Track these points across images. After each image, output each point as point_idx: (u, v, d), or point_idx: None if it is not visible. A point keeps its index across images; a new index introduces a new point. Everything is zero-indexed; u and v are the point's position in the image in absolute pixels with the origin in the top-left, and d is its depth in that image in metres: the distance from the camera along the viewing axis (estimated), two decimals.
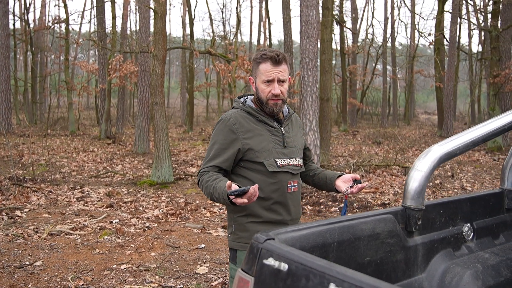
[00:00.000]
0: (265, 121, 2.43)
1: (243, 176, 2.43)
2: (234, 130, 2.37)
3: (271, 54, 2.36)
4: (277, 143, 2.43)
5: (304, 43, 8.57)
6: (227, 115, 2.43)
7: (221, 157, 2.38)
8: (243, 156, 2.39)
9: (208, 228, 6.35)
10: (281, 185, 2.41)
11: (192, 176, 9.96)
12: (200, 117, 36.49)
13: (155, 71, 8.83)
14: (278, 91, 2.37)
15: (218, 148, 2.39)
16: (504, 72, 13.97)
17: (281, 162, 2.41)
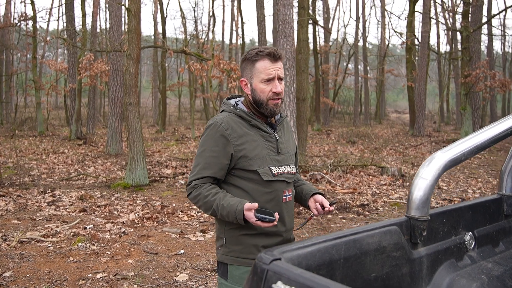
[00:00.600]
0: (258, 126, 2.26)
1: (234, 185, 2.26)
2: (227, 135, 2.19)
3: (268, 51, 2.21)
4: (271, 150, 2.27)
5: (281, 42, 8.47)
6: (218, 120, 2.24)
7: (215, 166, 2.20)
8: (236, 164, 2.22)
9: (186, 232, 6.18)
10: (276, 195, 2.27)
11: (167, 178, 9.74)
12: (172, 117, 36.12)
13: (129, 71, 8.58)
14: (280, 88, 2.22)
15: (210, 156, 2.21)
16: (475, 72, 14.19)
17: (276, 170, 2.26)
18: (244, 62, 2.30)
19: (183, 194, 8.39)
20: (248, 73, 2.27)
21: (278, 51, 2.24)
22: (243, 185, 2.23)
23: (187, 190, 2.27)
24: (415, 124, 21.93)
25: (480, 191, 8.94)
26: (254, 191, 2.22)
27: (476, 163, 12.55)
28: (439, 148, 15.94)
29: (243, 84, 2.34)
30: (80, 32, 17.50)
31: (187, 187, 2.26)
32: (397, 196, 8.34)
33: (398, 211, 7.44)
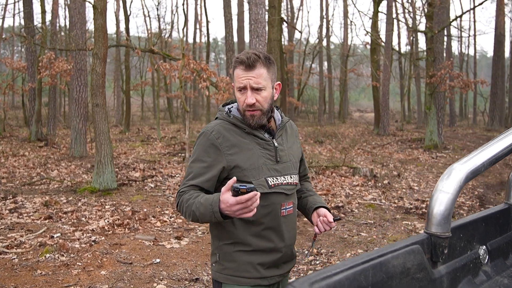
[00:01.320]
0: (253, 133, 2.10)
1: None
2: (218, 145, 2.04)
3: (241, 58, 2.03)
4: (269, 158, 2.10)
5: (254, 42, 8.32)
6: (209, 128, 2.10)
7: (203, 176, 2.05)
8: (229, 175, 2.04)
9: (160, 239, 5.94)
10: (273, 208, 2.09)
11: (136, 181, 9.42)
12: (135, 116, 35.40)
13: (96, 71, 8.24)
14: (252, 100, 2.02)
15: (199, 166, 2.06)
16: (440, 72, 14.43)
17: (273, 181, 2.08)
18: (232, 69, 2.18)
19: (154, 198, 8.12)
20: (232, 79, 2.16)
21: (254, 57, 2.03)
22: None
23: (176, 197, 2.12)
24: (380, 123, 22.21)
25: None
26: None
27: (442, 163, 12.76)
28: (406, 147, 16.21)
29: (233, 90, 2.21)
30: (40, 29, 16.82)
31: (177, 194, 2.12)
32: (371, 197, 8.33)
33: (373, 212, 7.41)
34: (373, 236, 6.18)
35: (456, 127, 29.65)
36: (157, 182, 9.42)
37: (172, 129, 24.18)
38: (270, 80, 2.10)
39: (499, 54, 26.88)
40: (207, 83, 9.10)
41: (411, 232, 6.38)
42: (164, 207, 7.49)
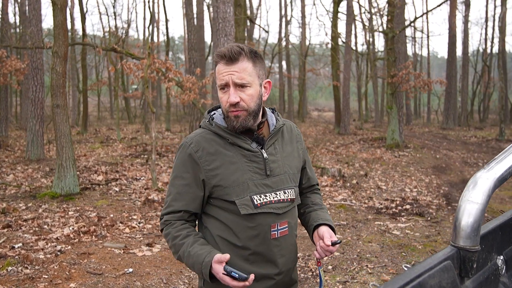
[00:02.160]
0: (238, 144, 1.84)
1: (214, 217, 1.89)
2: (196, 159, 1.82)
3: (222, 51, 1.78)
4: (256, 172, 1.84)
5: (222, 41, 8.14)
6: (187, 140, 1.87)
7: (187, 196, 1.84)
8: (211, 193, 1.84)
9: (131, 247, 5.67)
10: (260, 230, 1.84)
11: (99, 185, 9.04)
12: (91, 116, 34.37)
13: (56, 70, 7.83)
14: (235, 98, 1.77)
15: (180, 184, 1.85)
16: (401, 72, 14.67)
17: (259, 200, 1.82)
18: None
19: (120, 203, 7.80)
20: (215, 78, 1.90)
21: (237, 49, 1.78)
22: (222, 217, 1.86)
23: (160, 226, 1.96)
24: (341, 123, 22.43)
25: (416, 190, 9.15)
26: (235, 225, 1.84)
27: (405, 161, 12.96)
28: (369, 147, 16.40)
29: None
30: None
31: (160, 223, 1.95)
32: (341, 198, 8.31)
33: (345, 213, 7.38)
34: (347, 238, 6.13)
35: (412, 125, 30.38)
36: (122, 185, 9.08)
37: (131, 130, 23.61)
38: (257, 77, 1.84)
39: (452, 55, 27.72)
40: (173, 83, 8.83)
41: (385, 232, 6.37)
42: (132, 212, 7.20)
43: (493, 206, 7.95)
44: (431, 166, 12.19)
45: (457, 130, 26.41)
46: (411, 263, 5.20)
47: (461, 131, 25.15)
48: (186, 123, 28.19)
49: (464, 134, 22.93)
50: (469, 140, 20.30)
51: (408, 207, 7.67)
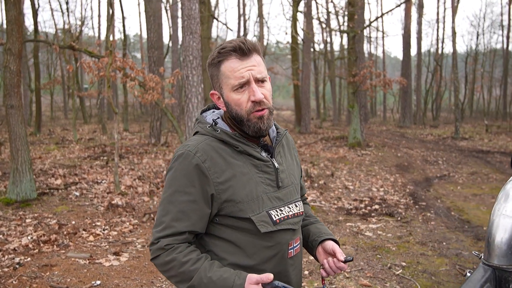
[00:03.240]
0: (248, 152, 1.64)
1: (221, 238, 1.63)
2: (204, 170, 1.56)
3: (233, 45, 1.58)
4: (269, 184, 1.65)
5: (187, 39, 7.87)
6: (191, 148, 1.60)
7: (193, 215, 1.56)
8: (220, 210, 1.60)
9: (96, 256, 5.35)
10: (279, 250, 1.66)
11: (58, 189, 8.59)
12: (44, 116, 33.07)
13: (9, 68, 7.36)
14: (260, 94, 1.58)
15: (183, 200, 1.57)
16: (362, 71, 14.79)
17: (277, 216, 1.63)
18: (209, 69, 1.68)
19: (81, 208, 7.41)
20: (216, 82, 1.66)
21: (249, 42, 1.60)
22: (233, 237, 1.62)
23: (153, 252, 1.60)
24: (302, 122, 22.48)
25: (383, 189, 9.19)
26: (249, 246, 1.62)
27: (368, 160, 13.05)
28: (331, 146, 16.46)
29: (215, 98, 1.71)
30: None
31: (153, 248, 1.59)
32: (311, 199, 8.22)
33: (316, 214, 7.27)
34: None
35: (369, 124, 30.86)
36: (83, 189, 8.66)
37: (88, 130, 22.85)
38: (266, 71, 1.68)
39: (408, 55, 28.33)
40: (136, 82, 8.50)
41: (358, 234, 6.31)
42: (95, 218, 6.84)
43: (458, 204, 8.06)
44: (394, 165, 12.32)
45: (414, 128, 27.03)
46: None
47: (418, 129, 25.76)
48: (145, 123, 27.59)
49: (421, 132, 23.48)
50: (426, 138, 20.78)
51: (377, 207, 7.66)
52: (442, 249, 5.72)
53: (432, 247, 5.80)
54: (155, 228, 1.60)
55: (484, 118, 28.01)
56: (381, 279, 4.77)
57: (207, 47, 9.96)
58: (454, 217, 7.25)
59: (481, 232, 6.38)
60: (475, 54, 40.24)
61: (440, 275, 4.88)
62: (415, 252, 5.61)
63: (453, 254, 5.53)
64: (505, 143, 17.74)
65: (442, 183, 10.09)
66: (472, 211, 7.57)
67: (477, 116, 38.59)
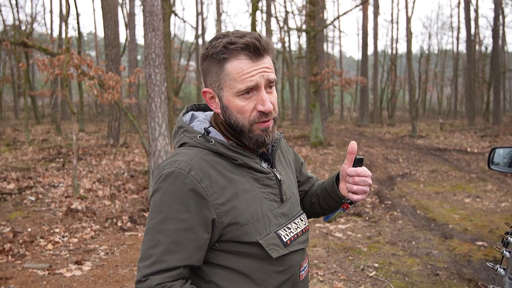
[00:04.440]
0: (248, 165, 1.41)
1: (223, 266, 1.40)
2: (202, 191, 1.31)
3: (244, 41, 1.32)
4: (272, 200, 1.44)
5: (149, 36, 7.58)
6: (182, 164, 1.33)
7: (188, 245, 1.31)
8: (221, 236, 1.37)
9: (56, 266, 5.03)
10: (292, 274, 1.47)
11: (11, 194, 8.11)
12: None
13: None
14: (270, 104, 1.36)
15: (176, 229, 1.30)
16: (324, 70, 14.83)
17: (287, 236, 1.43)
18: (205, 62, 1.40)
19: (37, 214, 7.01)
20: (214, 81, 1.39)
21: (264, 39, 1.36)
22: (237, 264, 1.39)
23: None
24: None
25: None
26: (258, 273, 1.40)
27: (331, 159, 13.09)
28: (293, 145, 16.43)
29: (208, 97, 1.44)
30: None
31: (139, 286, 1.32)
32: None
33: None
34: None
35: (328, 123, 31.19)
36: (38, 194, 8.21)
37: (41, 130, 21.95)
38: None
39: (365, 55, 28.80)
40: (95, 81, 8.13)
41: (327, 235, 6.24)
42: (53, 225, 6.48)
43: (422, 202, 8.14)
44: None
45: (372, 127, 27.48)
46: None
47: (375, 128, 26.21)
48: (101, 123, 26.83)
49: (379, 131, 23.89)
50: (384, 136, 21.14)
51: None
52: (412, 248, 5.71)
53: (402, 246, 5.79)
54: (142, 262, 1.33)
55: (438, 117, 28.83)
56: (355, 282, 4.69)
57: (169, 44, 9.68)
58: (420, 215, 7.30)
59: (448, 230, 6.44)
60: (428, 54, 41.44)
61: (413, 275, 4.85)
62: (386, 252, 5.58)
63: (423, 253, 5.53)
64: (459, 141, 18.25)
65: (405, 181, 10.21)
66: (437, 209, 7.65)
67: (429, 115, 39.79)
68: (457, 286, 4.55)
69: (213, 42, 1.37)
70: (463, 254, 5.47)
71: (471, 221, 6.91)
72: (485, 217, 7.10)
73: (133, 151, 13.65)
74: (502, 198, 8.33)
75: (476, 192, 8.92)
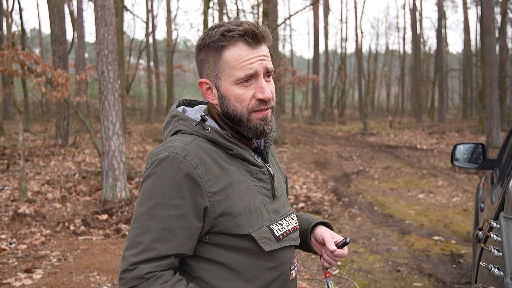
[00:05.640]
0: (243, 156, 1.37)
1: (211, 260, 1.33)
2: (197, 177, 1.26)
3: (243, 28, 1.31)
4: (265, 194, 1.40)
5: (102, 31, 7.29)
6: (178, 149, 1.28)
7: (181, 232, 1.25)
8: (212, 227, 1.30)
9: (3, 275, 4.70)
10: (283, 271, 1.42)
11: None
12: None
13: None
14: (269, 92, 1.36)
15: (168, 215, 1.24)
16: (278, 68, 14.85)
17: (279, 231, 1.39)
18: (202, 52, 1.37)
19: None
20: (212, 70, 1.36)
21: (262, 27, 1.36)
22: (226, 259, 1.33)
23: (126, 282, 1.24)
24: None
25: (306, 186, 9.21)
26: (248, 268, 1.35)
27: (286, 157, 13.12)
28: None
29: (204, 88, 1.41)
30: None
31: (126, 276, 1.24)
32: None
33: None
34: None
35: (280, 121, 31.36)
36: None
37: None
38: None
39: (317, 54, 29.16)
40: (43, 78, 7.72)
41: None
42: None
43: (378, 199, 8.26)
44: (312, 162, 12.48)
45: (324, 125, 27.86)
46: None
47: (327, 126, 26.60)
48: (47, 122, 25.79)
49: (331, 129, 24.25)
50: (337, 134, 21.48)
51: (303, 205, 7.61)
52: (372, 245, 5.75)
53: (362, 243, 5.82)
54: (129, 250, 1.25)
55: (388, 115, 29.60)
56: (319, 281, 4.66)
57: (121, 41, 9.36)
58: (377, 212, 7.39)
59: (405, 226, 6.54)
60: (375, 54, 42.53)
61: (375, 272, 4.87)
62: (348, 250, 5.58)
63: (384, 250, 5.57)
64: (409, 138, 18.78)
65: (360, 178, 10.35)
66: (393, 206, 7.78)
67: (378, 113, 40.83)
68: (418, 282, 4.60)
69: (209, 32, 1.34)
70: (421, 249, 5.56)
71: (426, 216, 7.06)
72: (439, 212, 7.28)
73: (83, 151, 13.16)
74: (453, 193, 8.58)
75: (429, 187, 9.15)
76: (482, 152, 3.69)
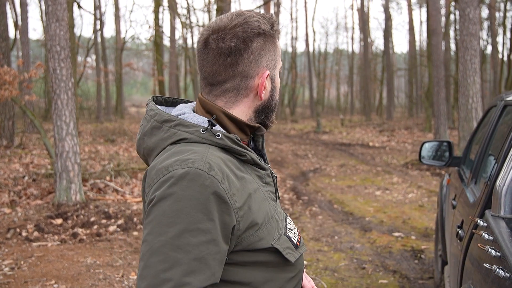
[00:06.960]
0: (254, 161, 1.23)
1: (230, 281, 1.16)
2: (223, 194, 1.09)
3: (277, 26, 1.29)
4: (272, 199, 1.28)
5: (53, 27, 6.95)
6: (198, 163, 1.08)
7: (213, 260, 1.07)
8: (236, 245, 1.14)
9: None
10: (299, 278, 1.32)
11: None
12: None
13: None
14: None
15: (199, 242, 1.05)
16: None
17: (295, 237, 1.29)
18: (258, 39, 1.22)
19: None
20: (271, 60, 1.26)
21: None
22: (248, 277, 1.18)
23: None
24: None
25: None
26: (271, 284, 1.21)
27: None
28: None
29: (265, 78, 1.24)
30: None
31: None
32: None
33: None
34: None
35: None
36: None
37: None
38: None
39: None
40: None
41: None
42: None
43: (337, 196, 8.35)
44: (269, 160, 12.47)
45: (276, 123, 27.94)
46: None
47: (280, 124, 26.75)
48: None
49: (284, 127, 24.41)
50: (290, 133, 21.64)
51: None
52: (335, 243, 5.79)
53: (326, 242, 5.85)
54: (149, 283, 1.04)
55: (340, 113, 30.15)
56: None
57: (73, 37, 8.99)
58: (337, 210, 7.46)
59: (365, 223, 6.63)
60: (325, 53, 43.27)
61: (341, 270, 4.89)
62: (312, 249, 5.59)
63: (347, 247, 5.62)
64: (361, 135, 19.18)
65: (317, 176, 10.44)
66: (352, 203, 7.87)
67: (328, 111, 41.54)
68: (383, 279, 4.66)
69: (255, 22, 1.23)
70: (383, 246, 5.64)
71: (385, 213, 7.18)
72: (397, 208, 7.43)
73: (31, 153, 12.58)
74: (408, 190, 8.80)
75: (385, 184, 9.34)
76: (448, 150, 3.75)
